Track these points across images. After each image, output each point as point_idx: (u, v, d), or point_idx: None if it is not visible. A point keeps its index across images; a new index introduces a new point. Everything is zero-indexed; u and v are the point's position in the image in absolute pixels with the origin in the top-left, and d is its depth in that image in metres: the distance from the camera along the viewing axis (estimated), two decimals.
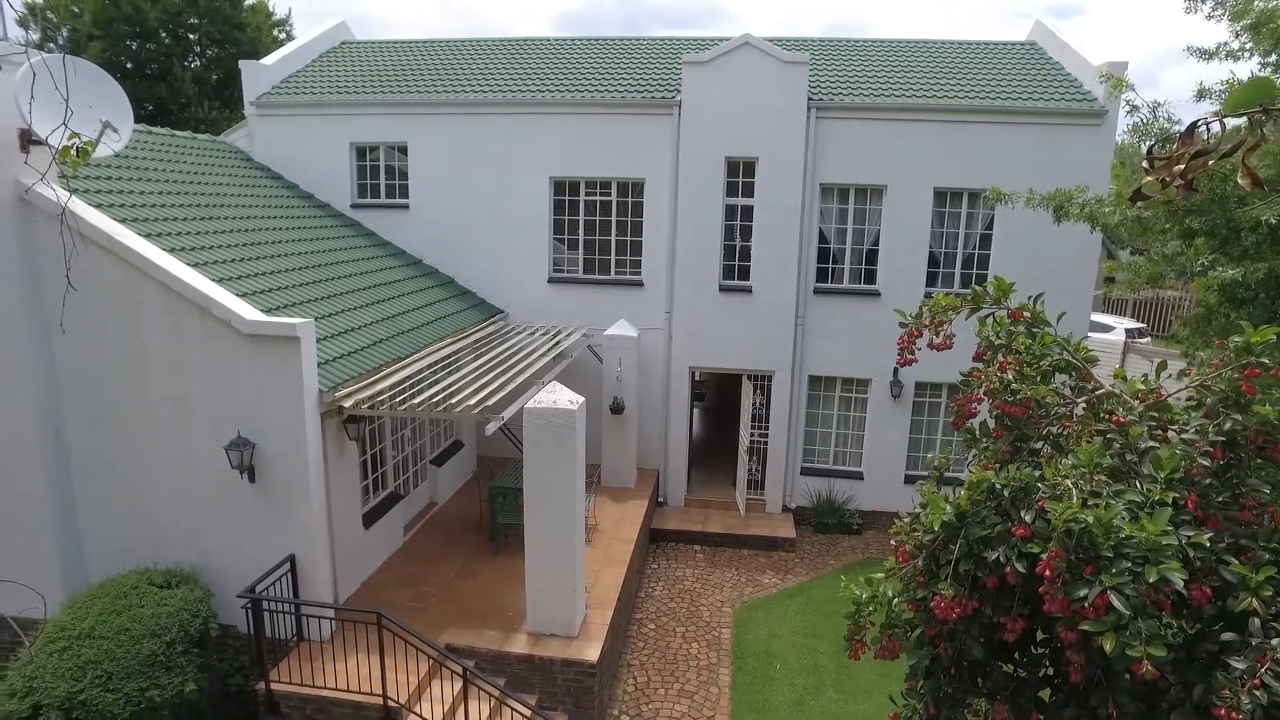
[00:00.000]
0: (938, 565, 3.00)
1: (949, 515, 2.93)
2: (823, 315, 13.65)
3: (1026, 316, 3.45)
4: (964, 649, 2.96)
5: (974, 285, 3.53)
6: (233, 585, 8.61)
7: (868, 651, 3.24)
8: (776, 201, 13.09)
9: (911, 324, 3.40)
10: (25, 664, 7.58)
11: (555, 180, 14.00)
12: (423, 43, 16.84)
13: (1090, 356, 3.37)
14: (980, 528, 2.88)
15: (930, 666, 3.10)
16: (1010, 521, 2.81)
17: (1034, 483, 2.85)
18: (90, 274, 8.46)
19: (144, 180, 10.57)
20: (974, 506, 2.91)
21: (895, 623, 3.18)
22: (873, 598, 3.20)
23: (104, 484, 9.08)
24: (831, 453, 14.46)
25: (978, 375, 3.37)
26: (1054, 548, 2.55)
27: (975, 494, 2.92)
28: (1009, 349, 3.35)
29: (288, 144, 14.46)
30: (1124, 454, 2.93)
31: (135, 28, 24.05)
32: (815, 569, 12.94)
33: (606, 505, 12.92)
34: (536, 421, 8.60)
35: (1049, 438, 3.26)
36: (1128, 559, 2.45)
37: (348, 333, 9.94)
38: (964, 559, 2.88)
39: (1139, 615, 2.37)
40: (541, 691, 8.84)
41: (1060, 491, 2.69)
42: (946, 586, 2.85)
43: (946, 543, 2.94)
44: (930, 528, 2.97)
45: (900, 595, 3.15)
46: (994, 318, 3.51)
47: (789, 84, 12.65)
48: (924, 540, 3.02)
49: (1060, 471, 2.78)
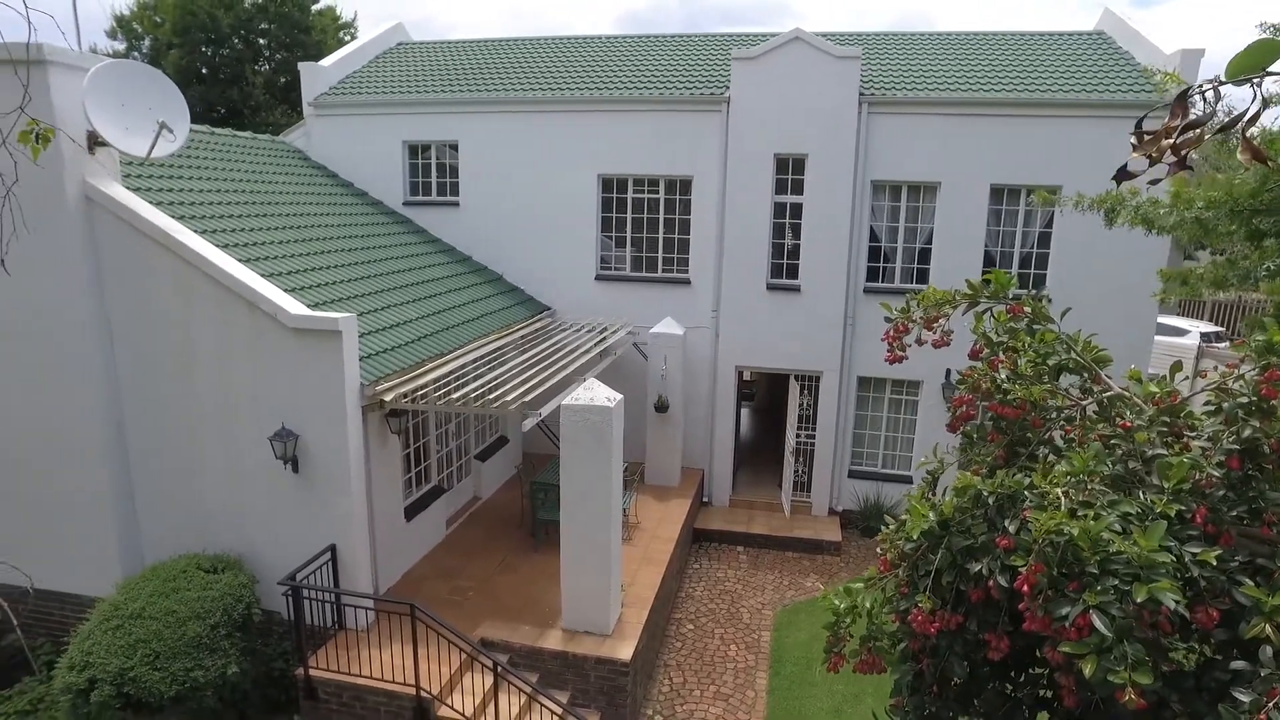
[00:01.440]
0: (919, 576, 2.86)
1: (931, 523, 2.78)
2: (873, 315, 13.30)
3: (1028, 312, 3.25)
4: (946, 666, 2.81)
5: (969, 279, 3.34)
6: (275, 572, 8.84)
7: (847, 664, 3.10)
8: (826, 199, 12.84)
9: (898, 318, 3.24)
10: (83, 639, 7.91)
11: (603, 178, 14.01)
12: (475, 42, 17.06)
13: (1102, 356, 3.16)
14: (964, 537, 2.72)
15: (914, 683, 2.95)
16: (996, 531, 2.65)
17: (1022, 490, 2.68)
18: (147, 269, 8.81)
19: (202, 179, 10.95)
20: (959, 514, 2.75)
21: (877, 635, 3.04)
22: (852, 608, 3.06)
23: (158, 472, 9.43)
24: (880, 455, 14.12)
25: (970, 374, 3.19)
26: (1034, 561, 2.38)
27: (961, 500, 2.77)
28: (1009, 346, 3.17)
29: (343, 143, 14.83)
30: (1127, 461, 2.74)
31: (210, 34, 25.02)
32: (859, 573, 12.53)
33: (649, 504, 12.87)
34: (573, 418, 8.60)
35: (1050, 442, 3.07)
36: (1115, 576, 2.28)
37: (393, 328, 10.11)
38: (946, 570, 2.73)
39: (1124, 638, 2.19)
40: (574, 689, 8.84)
41: (1048, 500, 2.52)
42: (925, 599, 2.70)
43: (928, 552, 2.80)
44: (910, 535, 2.83)
45: (883, 606, 3.00)
46: (993, 313, 3.33)
47: (840, 79, 12.39)
48: (905, 549, 2.88)
49: (1052, 479, 2.60)
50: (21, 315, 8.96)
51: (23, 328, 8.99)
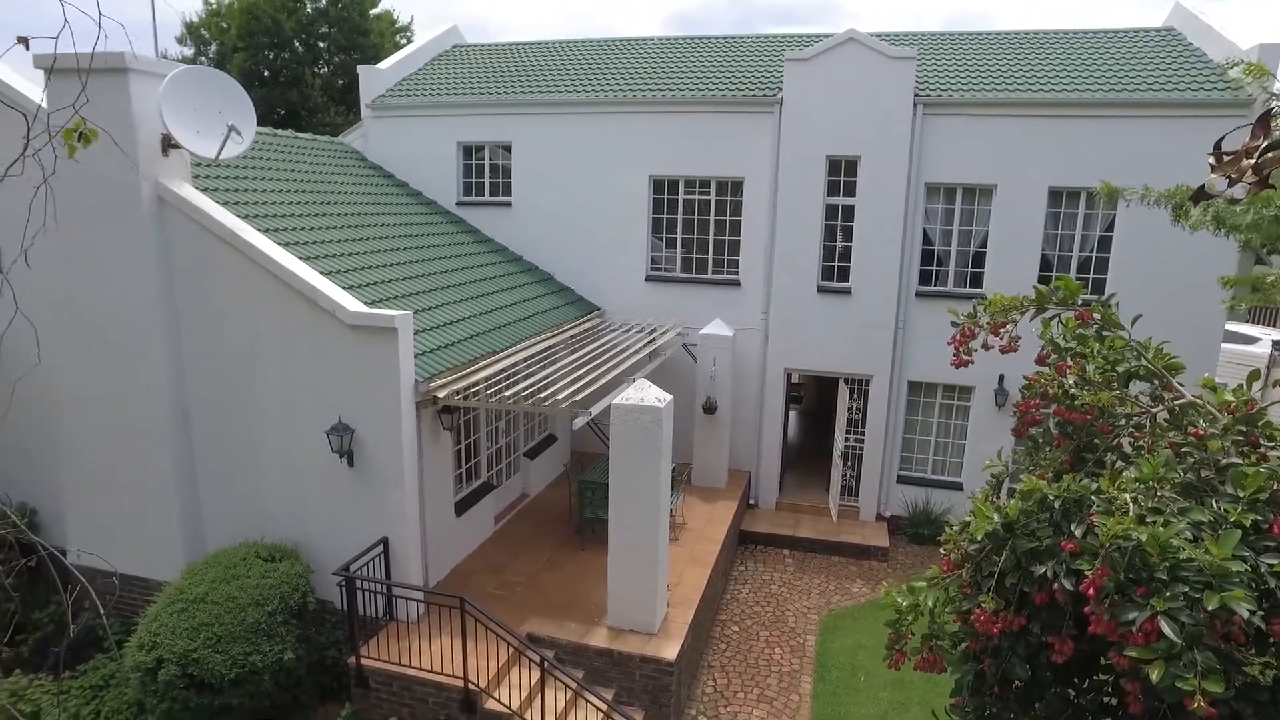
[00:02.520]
0: (982, 577, 2.84)
1: (996, 525, 2.76)
2: (925, 319, 13.15)
3: (1097, 319, 3.20)
4: (1008, 668, 2.79)
5: (1036, 285, 3.30)
6: (330, 563, 9.07)
7: (908, 662, 3.09)
8: (879, 201, 12.72)
9: (964, 323, 3.21)
10: (151, 620, 8.22)
11: (654, 179, 14.07)
12: (529, 44, 17.25)
13: (1174, 363, 3.10)
14: (1029, 540, 2.70)
15: (975, 683, 2.93)
16: (1061, 535, 2.63)
17: (1089, 495, 2.65)
18: (214, 266, 9.12)
19: (265, 179, 11.29)
20: (1023, 517, 2.73)
21: (939, 634, 3.02)
22: (914, 607, 3.05)
23: (221, 462, 9.74)
24: (930, 461, 13.93)
25: (1036, 380, 3.15)
26: (1100, 565, 2.36)
27: (1026, 504, 2.75)
28: (1077, 353, 3.12)
29: (399, 144, 15.14)
30: (1199, 470, 2.69)
31: (273, 38, 25.75)
32: (907, 580, 12.43)
33: (695, 505, 12.88)
34: (623, 418, 8.66)
35: (1118, 448, 3.02)
36: (1185, 583, 2.24)
37: (446, 326, 10.30)
38: (1010, 572, 2.71)
39: (1193, 645, 2.16)
40: (619, 686, 8.90)
41: (1116, 506, 2.49)
42: (988, 600, 2.69)
43: (992, 554, 2.78)
44: (974, 537, 2.81)
45: (945, 606, 2.99)
46: (1060, 320, 3.28)
47: (895, 80, 12.26)
48: (969, 550, 2.86)
49: (1120, 484, 2.57)
50: (100, 309, 9.34)
51: (101, 321, 9.37)
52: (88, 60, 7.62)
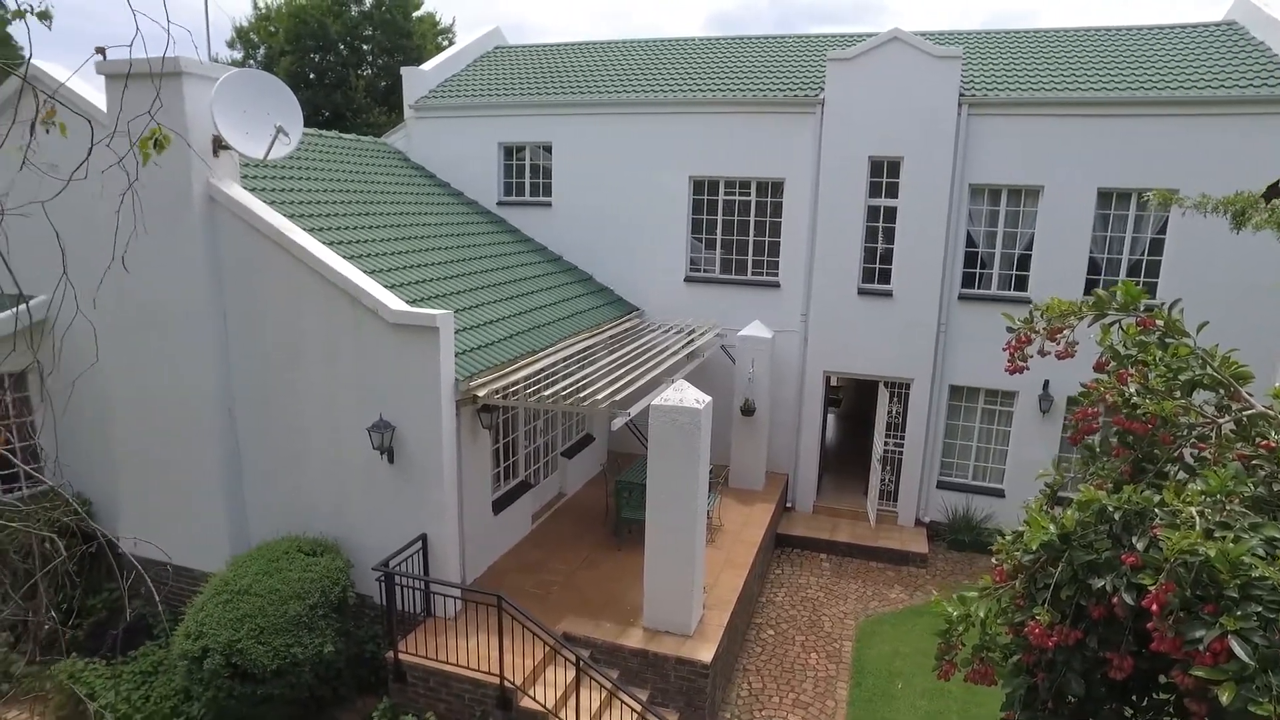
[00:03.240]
0: (1037, 589, 2.76)
1: (1051, 535, 2.69)
2: (967, 322, 12.94)
3: (1159, 325, 3.10)
4: (1063, 682, 2.71)
5: (1096, 290, 3.19)
6: (369, 558, 9.18)
7: (959, 673, 3.02)
8: (922, 203, 12.53)
9: (1020, 328, 3.13)
10: (197, 610, 8.40)
11: (694, 179, 14.03)
12: (570, 45, 17.31)
13: (1242, 372, 2.99)
14: (1086, 552, 2.62)
15: (1027, 697, 2.85)
16: (1121, 548, 2.54)
17: (1151, 507, 2.56)
18: (261, 264, 9.29)
19: (311, 179, 11.47)
20: (1081, 528, 2.65)
21: (990, 646, 2.95)
22: (965, 617, 2.97)
23: (265, 457, 9.91)
24: (971, 467, 13.69)
25: (1095, 387, 3.05)
26: (1165, 580, 2.27)
27: (1083, 515, 2.66)
28: (1137, 360, 3.02)
29: (441, 144, 15.29)
30: (1271, 483, 2.58)
31: (319, 42, 26.20)
32: (946, 587, 12.30)
33: (732, 507, 12.82)
34: (662, 419, 8.65)
35: (1180, 459, 2.92)
36: (1258, 602, 2.15)
37: (486, 325, 10.37)
38: (1067, 584, 2.63)
39: (1268, 668, 2.07)
40: (654, 687, 8.88)
41: (1181, 519, 2.40)
42: (1043, 612, 2.61)
43: (1047, 565, 2.70)
44: (1029, 547, 2.74)
45: (997, 617, 2.91)
46: (1121, 325, 3.18)
47: (939, 80, 12.07)
48: (1023, 560, 2.79)
49: (1185, 497, 2.48)
50: (152, 307, 9.56)
51: (153, 318, 9.59)
52: (147, 65, 7.83)
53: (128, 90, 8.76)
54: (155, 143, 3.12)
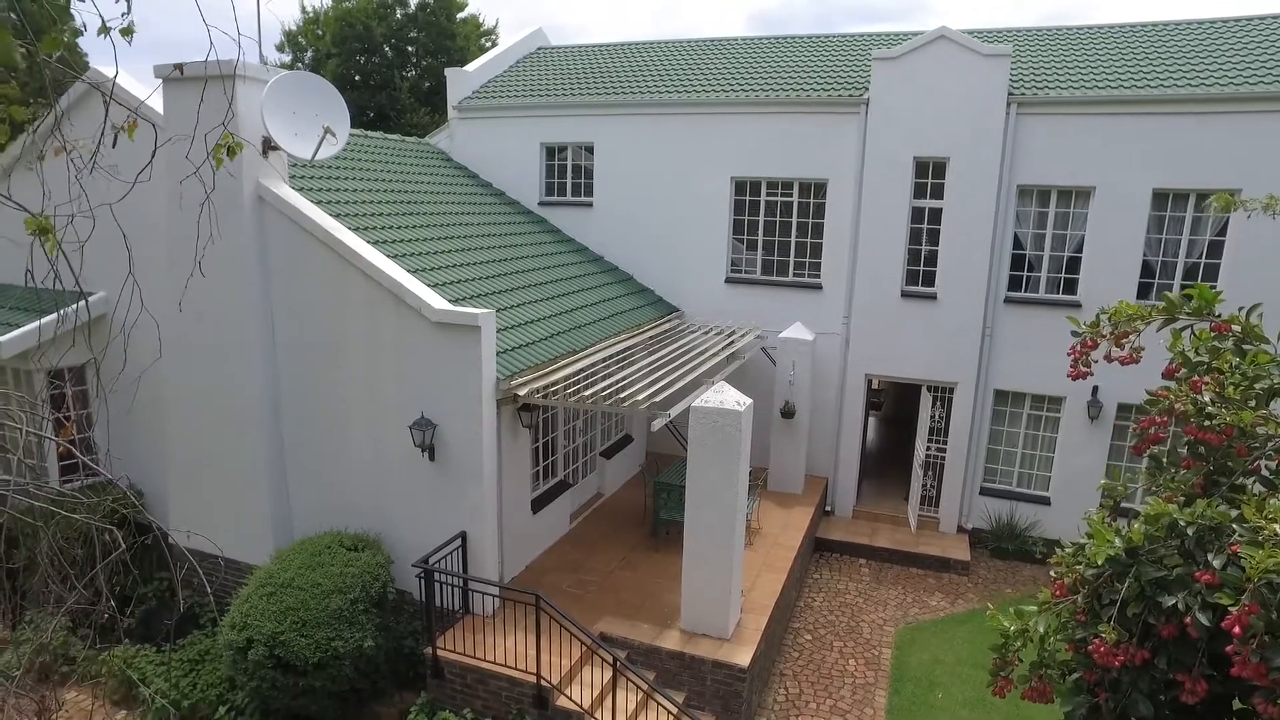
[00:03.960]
0: (1101, 605, 2.66)
1: (1118, 550, 2.58)
2: (1013, 326, 12.67)
3: (1236, 331, 2.96)
4: (1129, 704, 2.61)
5: (1166, 294, 3.07)
6: (410, 554, 9.26)
7: (1015, 690, 2.93)
8: (968, 204, 12.30)
9: (1086, 333, 3.02)
10: (242, 602, 8.54)
11: (736, 180, 13.95)
12: (612, 46, 17.33)
13: None
14: (1156, 568, 2.51)
15: (1088, 718, 2.75)
16: (1194, 565, 2.43)
17: (1228, 523, 2.45)
18: (307, 263, 9.42)
19: (356, 179, 11.62)
20: (1149, 543, 2.54)
21: (1049, 662, 2.85)
22: (1022, 632, 2.88)
23: (309, 452, 10.05)
24: (1015, 474, 13.40)
25: (1164, 395, 2.93)
26: (1248, 602, 2.17)
27: (1152, 529, 2.56)
28: (1210, 367, 2.89)
29: (484, 144, 15.40)
30: None
31: (364, 44, 26.59)
32: (989, 596, 12.06)
33: (771, 510, 12.71)
34: (702, 421, 8.60)
35: (1257, 473, 2.79)
36: None
37: (527, 324, 10.41)
38: (1133, 601, 2.53)
39: None
40: (690, 690, 8.83)
41: (1263, 536, 2.29)
42: (1109, 630, 2.51)
43: (1113, 580, 2.60)
44: (1094, 561, 2.64)
45: (1056, 633, 2.81)
46: (1193, 331, 3.05)
47: (987, 78, 11.83)
48: (1086, 575, 2.69)
49: (1268, 513, 2.36)
50: (203, 303, 9.73)
51: (204, 315, 9.76)
52: (202, 69, 7.98)
53: (183, 94, 8.97)
54: (229, 150, 3.21)
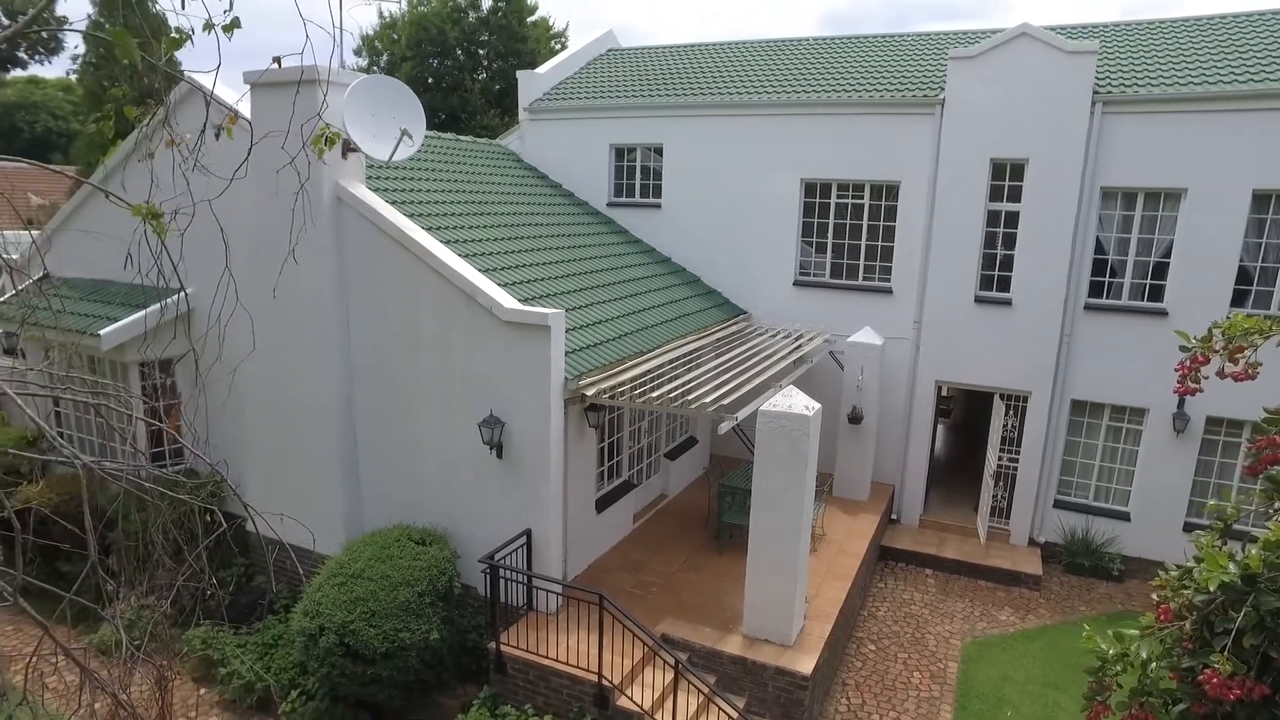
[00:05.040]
0: (1212, 633, 2.53)
1: (1232, 576, 2.46)
2: (1093, 333, 12.22)
3: None
4: None
5: None
6: (475, 550, 9.39)
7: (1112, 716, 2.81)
8: (1047, 207, 11.91)
9: (1196, 348, 2.88)
10: (315, 590, 8.80)
11: (806, 182, 13.79)
12: (682, 47, 17.31)
13: None
14: (1276, 597, 2.38)
15: None
16: None
17: None
18: (382, 261, 9.65)
19: (429, 180, 11.86)
20: (1269, 570, 2.41)
21: (1151, 690, 2.72)
22: (1122, 656, 2.76)
23: (380, 447, 10.30)
24: (1092, 487, 12.92)
25: None
26: None
27: (1273, 555, 2.42)
28: None
29: (553, 146, 15.56)
30: None
31: (438, 48, 27.17)
32: (1062, 613, 11.66)
33: (836, 516, 12.53)
34: (769, 425, 8.53)
35: None
36: None
37: (595, 325, 10.47)
38: (1251, 632, 2.40)
39: None
40: (751, 696, 8.77)
41: None
42: (1223, 660, 2.39)
43: (1226, 608, 2.47)
44: (1205, 587, 2.51)
45: (1159, 660, 2.69)
46: None
47: (1071, 76, 11.43)
48: (1195, 600, 2.56)
49: None
50: (284, 297, 10.03)
51: (284, 308, 10.06)
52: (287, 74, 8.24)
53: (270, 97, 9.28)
54: (326, 140, 3.37)
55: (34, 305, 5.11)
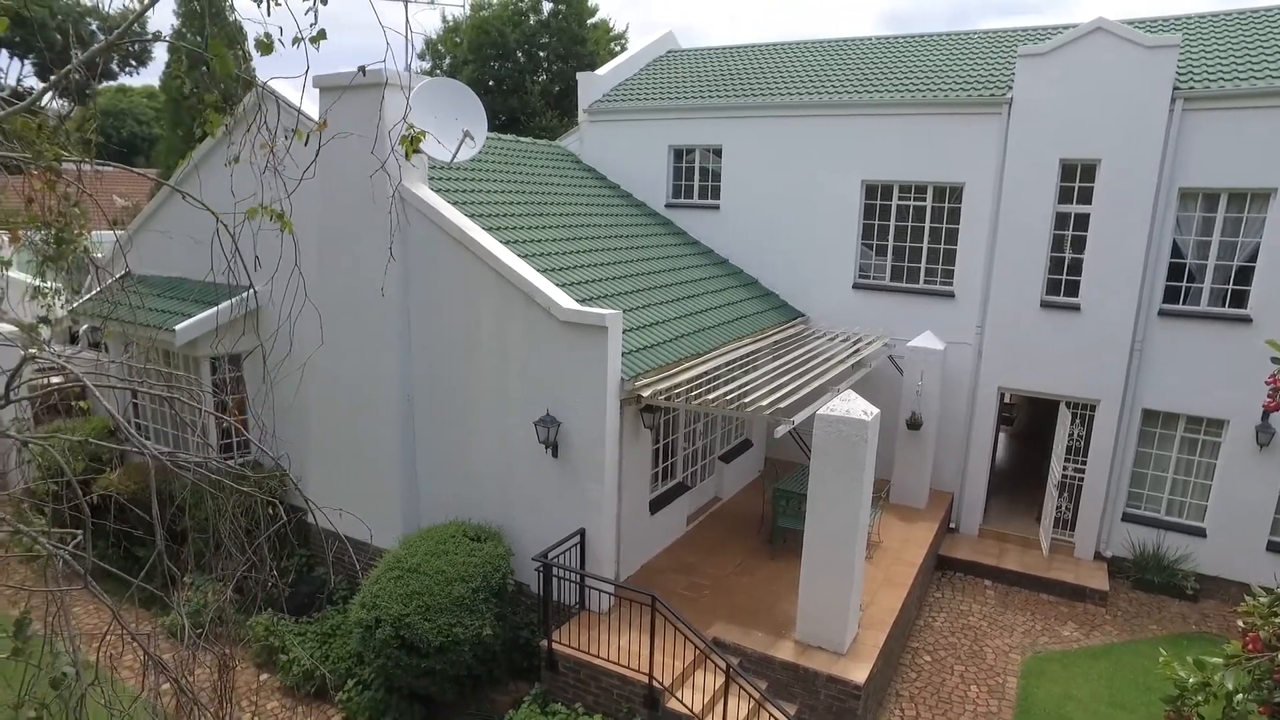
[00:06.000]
0: None
1: None
2: (1168, 340, 11.73)
3: None
4: None
5: None
6: (529, 548, 9.49)
7: None
8: (1120, 209, 11.48)
9: None
10: (372, 583, 8.99)
11: (867, 184, 13.57)
12: (741, 48, 17.20)
13: None
14: None
15: None
16: None
17: None
18: (443, 261, 9.81)
19: (490, 180, 12.01)
20: None
21: None
22: (1203, 685, 2.62)
23: (437, 443, 10.47)
24: (1164, 500, 12.41)
25: None
26: None
27: None
28: None
29: (612, 147, 15.62)
30: None
31: (498, 50, 27.55)
32: (1130, 631, 11.23)
33: (893, 524, 12.30)
34: (827, 429, 8.41)
35: None
36: None
37: (652, 326, 10.47)
38: None
39: None
40: (802, 704, 8.66)
41: None
42: None
43: None
44: None
45: (1247, 692, 2.54)
46: None
47: (1150, 72, 10.99)
48: None
49: None
50: (348, 295, 10.32)
51: (348, 306, 10.34)
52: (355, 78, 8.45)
53: (338, 101, 9.51)
54: (411, 140, 3.64)
55: (116, 301, 5.34)
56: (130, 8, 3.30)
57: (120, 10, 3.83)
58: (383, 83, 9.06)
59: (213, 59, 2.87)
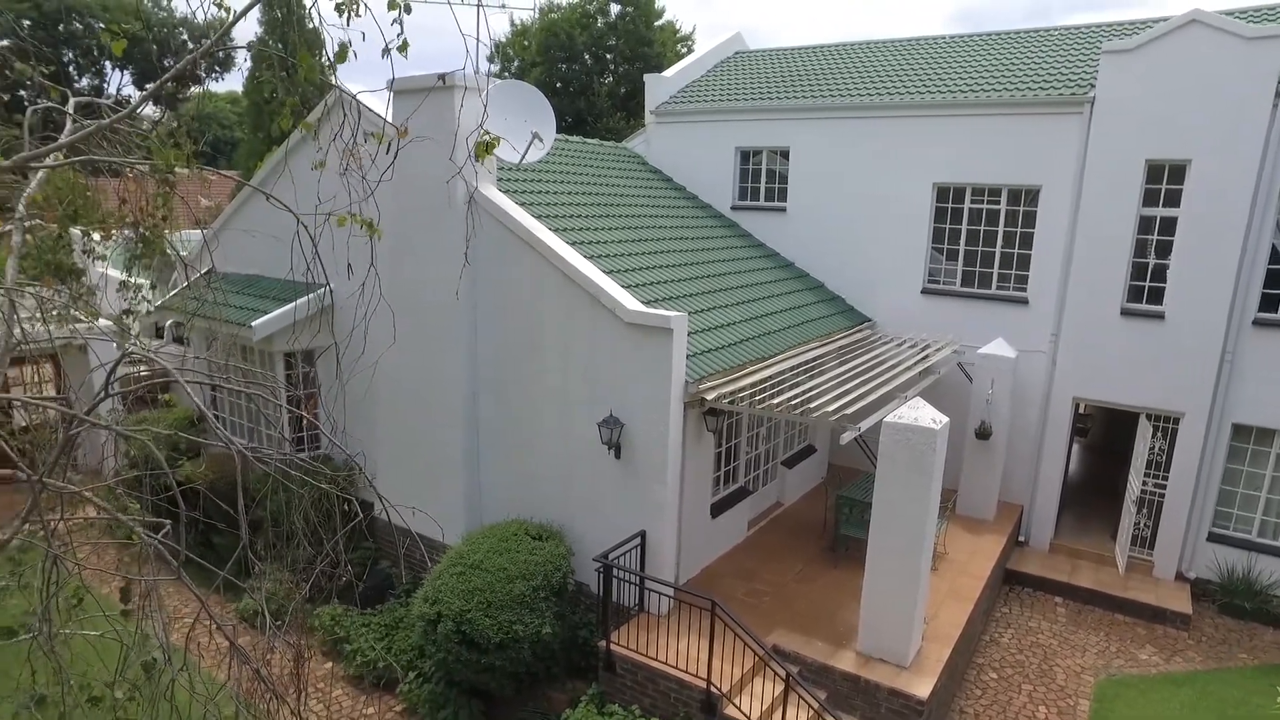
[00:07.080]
0: None
1: None
2: (1263, 351, 11.14)
3: None
4: None
5: None
6: (589, 548, 9.52)
7: None
8: (1211, 212, 10.94)
9: None
10: (435, 578, 9.15)
11: (938, 186, 13.25)
12: (810, 49, 17.01)
13: None
14: None
15: None
16: None
17: None
18: (511, 261, 9.94)
19: (557, 182, 12.14)
20: None
21: None
22: None
23: (501, 441, 10.61)
24: (1256, 521, 11.79)
25: None
26: None
27: None
28: None
29: (678, 149, 15.62)
30: None
31: (566, 53, 27.86)
32: (1216, 659, 10.69)
33: (959, 535, 11.99)
34: (894, 437, 8.25)
35: None
36: None
37: (716, 329, 10.43)
38: None
39: None
40: (862, 716, 8.50)
41: None
42: None
43: None
44: None
45: None
46: None
47: (1250, 66, 10.40)
48: None
49: None
50: (420, 296, 10.53)
51: (419, 307, 10.54)
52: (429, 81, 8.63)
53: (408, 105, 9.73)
54: (486, 147, 3.76)
55: (200, 298, 5.58)
56: (219, 17, 3.43)
57: (209, 20, 3.99)
58: (460, 87, 9.22)
59: (298, 65, 2.96)
